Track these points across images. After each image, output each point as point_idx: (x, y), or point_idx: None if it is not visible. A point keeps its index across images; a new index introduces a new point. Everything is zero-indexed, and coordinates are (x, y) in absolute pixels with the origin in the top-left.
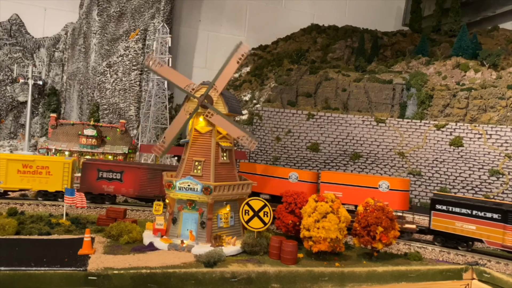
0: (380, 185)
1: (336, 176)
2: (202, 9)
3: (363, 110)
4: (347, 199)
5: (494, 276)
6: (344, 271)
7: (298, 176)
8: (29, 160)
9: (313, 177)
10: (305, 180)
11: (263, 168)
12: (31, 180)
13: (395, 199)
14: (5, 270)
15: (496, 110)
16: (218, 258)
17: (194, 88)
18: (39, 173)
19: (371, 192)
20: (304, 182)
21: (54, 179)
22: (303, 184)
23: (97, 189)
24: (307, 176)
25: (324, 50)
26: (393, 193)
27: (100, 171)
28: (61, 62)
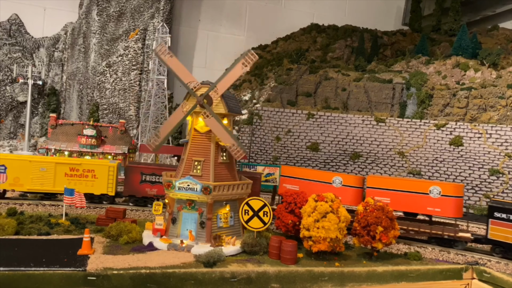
0: (431, 191)
1: (383, 181)
2: (202, 9)
3: (363, 110)
4: (395, 205)
5: (494, 275)
6: (344, 271)
7: (342, 180)
8: (76, 163)
9: (359, 181)
10: (349, 185)
11: (305, 172)
12: (77, 183)
13: (448, 205)
14: (4, 270)
15: (496, 110)
16: (218, 258)
17: (195, 86)
18: (85, 176)
19: (422, 198)
20: (348, 187)
21: (99, 183)
22: (348, 189)
23: (141, 192)
24: (352, 180)
25: (324, 50)
26: (445, 199)
27: (143, 175)
28: (61, 62)
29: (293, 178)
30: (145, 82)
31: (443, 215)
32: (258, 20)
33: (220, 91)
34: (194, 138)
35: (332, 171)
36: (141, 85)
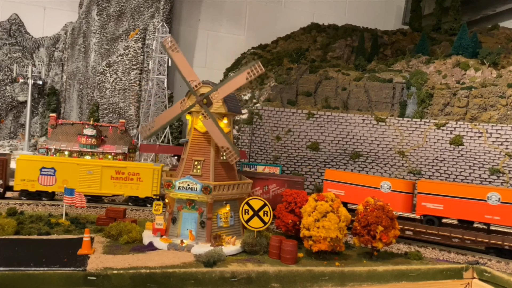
0: (489, 197)
1: (436, 186)
2: (202, 8)
3: (363, 109)
4: (450, 212)
5: (495, 275)
6: (344, 270)
7: (391, 185)
8: (122, 166)
9: (409, 187)
10: (399, 190)
11: (351, 176)
12: (123, 186)
13: (508, 213)
14: (4, 270)
15: (497, 109)
16: (218, 257)
17: (197, 85)
18: (131, 179)
19: (479, 205)
20: (398, 193)
21: (144, 186)
22: (397, 195)
23: None
24: (402, 185)
25: (324, 49)
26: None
27: None
28: (61, 62)
29: (338, 183)
30: (145, 82)
31: (503, 224)
32: (258, 20)
33: (221, 96)
34: (194, 137)
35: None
36: (141, 84)
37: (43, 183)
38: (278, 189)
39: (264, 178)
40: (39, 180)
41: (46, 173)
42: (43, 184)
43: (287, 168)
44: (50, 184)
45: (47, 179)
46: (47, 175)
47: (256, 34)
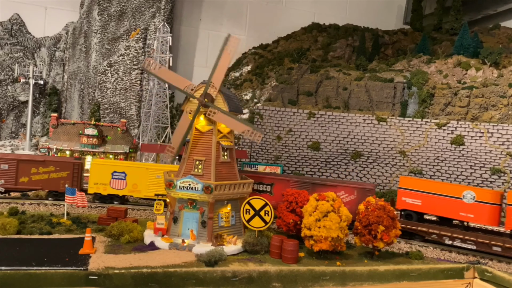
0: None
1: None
2: (203, 8)
3: (364, 109)
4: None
5: (496, 275)
6: (345, 270)
7: (476, 195)
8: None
9: (496, 197)
10: (485, 201)
11: (429, 184)
12: None
13: None
14: (6, 270)
15: (498, 109)
16: (219, 257)
17: (193, 89)
18: None
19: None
20: (483, 204)
21: None
22: (482, 206)
23: None
24: (488, 196)
25: (325, 49)
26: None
27: None
28: (62, 62)
29: (414, 191)
30: (146, 82)
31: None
32: (259, 20)
33: (217, 85)
34: (195, 137)
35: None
36: (142, 84)
37: (114, 186)
38: (347, 197)
39: (331, 185)
40: (110, 184)
41: (117, 177)
42: (114, 188)
43: (288, 168)
44: (121, 188)
45: (118, 183)
46: (118, 179)
47: (257, 34)
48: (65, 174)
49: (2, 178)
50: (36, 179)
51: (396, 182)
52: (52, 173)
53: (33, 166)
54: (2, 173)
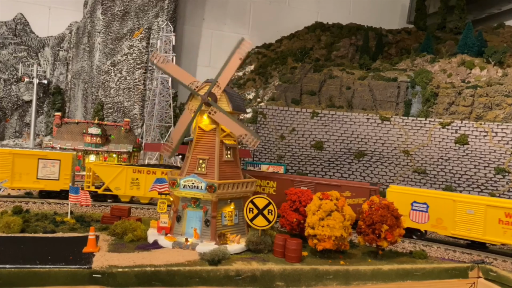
0: None
1: None
2: (206, 8)
3: (368, 108)
4: None
5: (501, 274)
6: (349, 269)
7: None
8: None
9: None
10: None
11: None
12: None
13: None
14: (11, 268)
15: (502, 108)
16: (223, 256)
17: (198, 86)
18: None
19: None
20: None
21: None
22: None
23: None
24: None
25: (328, 48)
26: None
27: None
28: (66, 61)
29: None
30: (150, 81)
31: None
32: (262, 19)
33: (222, 86)
34: (199, 136)
35: None
36: (146, 84)
37: (414, 219)
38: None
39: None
40: (410, 216)
41: (418, 208)
42: (414, 220)
43: (291, 167)
44: (422, 221)
45: (419, 216)
46: (419, 210)
47: (260, 33)
48: (361, 201)
49: None
50: None
51: (399, 182)
52: (348, 198)
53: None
54: None
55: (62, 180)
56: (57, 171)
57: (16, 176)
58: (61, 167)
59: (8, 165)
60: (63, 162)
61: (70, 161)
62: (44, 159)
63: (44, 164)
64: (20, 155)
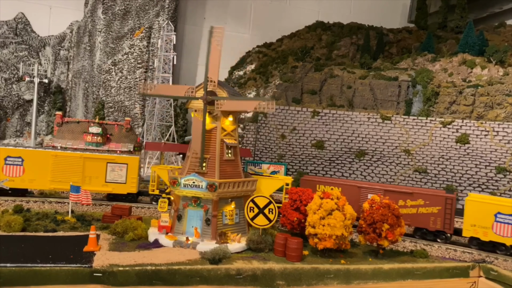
0: None
1: None
2: (207, 7)
3: (369, 107)
4: None
5: (502, 273)
6: (349, 268)
7: None
8: None
9: None
10: None
11: None
12: None
13: None
14: (11, 267)
15: (503, 107)
16: (223, 255)
17: (193, 91)
18: None
19: None
20: None
21: None
22: None
23: None
24: None
25: (329, 47)
26: None
27: None
28: (67, 61)
29: None
30: (150, 80)
31: None
32: (263, 18)
33: (224, 108)
34: None
35: None
36: (147, 83)
37: (499, 232)
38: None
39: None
40: (493, 228)
41: (503, 220)
42: (498, 233)
43: (292, 166)
44: (509, 235)
45: (504, 228)
46: (504, 222)
47: (261, 32)
48: (435, 210)
49: None
50: (404, 213)
51: (400, 181)
52: (421, 207)
53: (400, 198)
54: None
55: (129, 183)
56: (124, 174)
57: (86, 179)
58: (128, 171)
59: (79, 168)
60: (130, 166)
61: (137, 165)
62: (112, 163)
63: (112, 168)
64: (90, 159)
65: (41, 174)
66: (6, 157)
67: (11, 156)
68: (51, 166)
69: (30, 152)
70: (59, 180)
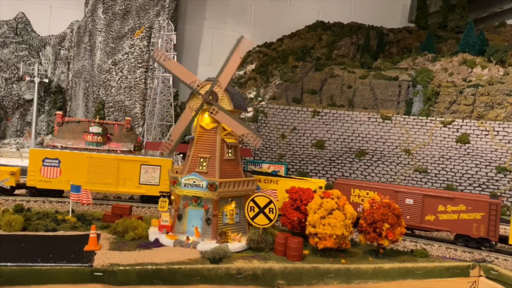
0: None
1: None
2: (207, 7)
3: (369, 107)
4: None
5: (502, 273)
6: (350, 267)
7: None
8: None
9: None
10: None
11: None
12: None
13: None
14: (12, 266)
15: (504, 107)
16: (224, 254)
17: (199, 85)
18: None
19: None
20: None
21: None
22: None
23: None
24: None
25: (329, 47)
26: None
27: None
28: (67, 60)
29: None
30: (151, 80)
31: None
32: (263, 18)
33: (224, 85)
34: (200, 135)
35: None
36: (147, 83)
37: None
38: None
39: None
40: None
41: None
42: None
43: (292, 166)
44: None
45: None
46: None
47: (261, 32)
48: (478, 216)
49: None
50: (444, 219)
51: (401, 181)
52: (463, 213)
53: (440, 203)
54: (407, 208)
55: (162, 185)
56: (157, 176)
57: (121, 181)
58: (161, 173)
59: (113, 170)
60: (163, 168)
61: (170, 167)
62: (146, 164)
63: (146, 169)
64: (124, 161)
65: (77, 175)
66: (44, 159)
67: (49, 158)
68: (87, 168)
69: (67, 154)
70: (94, 182)
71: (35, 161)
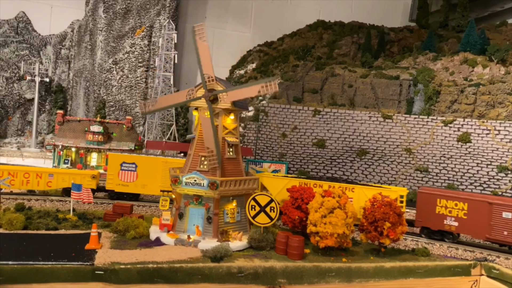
0: None
1: None
2: (208, 6)
3: (370, 106)
4: None
5: (503, 272)
6: (351, 266)
7: None
8: None
9: None
10: None
11: None
12: None
13: None
14: (13, 264)
15: (505, 106)
16: (225, 253)
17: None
18: None
19: None
20: None
21: None
22: None
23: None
24: None
25: (330, 46)
26: None
27: None
28: (68, 60)
29: None
30: (151, 79)
31: None
32: (264, 17)
33: (229, 99)
34: (201, 133)
35: None
36: (147, 82)
37: None
38: None
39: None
40: None
41: None
42: None
43: (293, 165)
44: None
45: None
46: None
47: (262, 31)
48: None
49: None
50: None
51: (401, 180)
52: None
53: None
54: (504, 223)
55: None
56: None
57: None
58: None
59: (158, 171)
60: None
61: None
62: None
63: None
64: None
65: (152, 179)
66: (122, 163)
67: (127, 162)
68: (161, 172)
69: (143, 159)
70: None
71: (114, 165)
